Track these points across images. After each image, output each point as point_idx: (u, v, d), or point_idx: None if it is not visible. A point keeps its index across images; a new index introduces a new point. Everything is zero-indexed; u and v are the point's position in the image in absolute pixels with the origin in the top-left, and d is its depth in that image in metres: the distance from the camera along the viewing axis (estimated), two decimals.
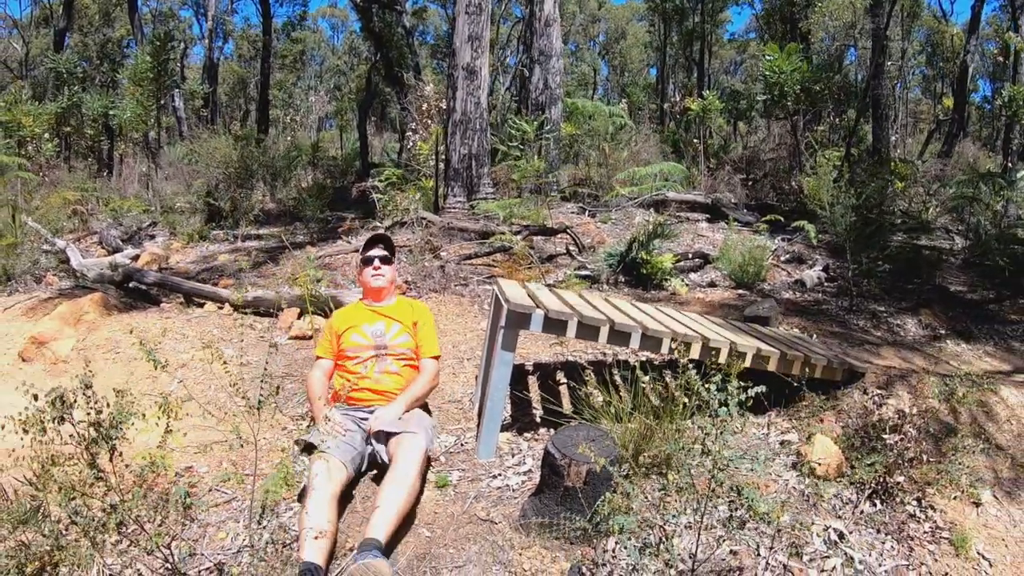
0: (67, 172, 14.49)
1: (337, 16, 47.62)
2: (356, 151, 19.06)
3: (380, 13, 23.29)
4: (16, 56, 37.27)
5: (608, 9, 46.59)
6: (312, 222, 10.49)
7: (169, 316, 6.53)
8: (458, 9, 10.08)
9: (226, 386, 5.27)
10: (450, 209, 9.88)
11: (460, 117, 9.98)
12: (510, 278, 7.00)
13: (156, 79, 14.42)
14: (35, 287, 7.90)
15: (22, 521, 2.87)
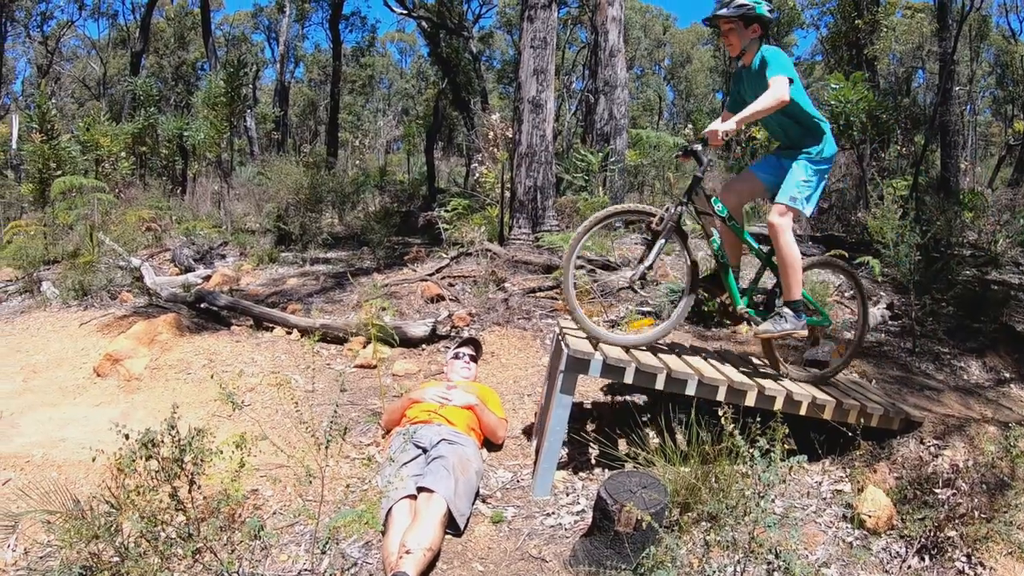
0: (142, 190, 15.09)
1: (405, 40, 48.72)
2: (423, 176, 19.38)
3: (448, 38, 23.75)
4: (94, 76, 39.11)
5: (673, 34, 46.61)
6: (379, 248, 10.64)
7: (239, 340, 6.72)
8: (523, 43, 10.24)
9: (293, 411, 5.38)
10: (515, 240, 9.97)
11: (526, 149, 10.11)
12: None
13: (230, 103, 14.90)
14: (110, 303, 8.22)
15: (96, 535, 3.01)
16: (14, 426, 5.61)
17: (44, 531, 3.68)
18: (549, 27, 10.16)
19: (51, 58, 35.32)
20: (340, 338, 6.77)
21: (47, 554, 3.75)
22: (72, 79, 39.31)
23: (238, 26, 41.85)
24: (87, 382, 6.15)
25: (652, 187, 13.47)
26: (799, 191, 4.17)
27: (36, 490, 3.98)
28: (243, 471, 3.87)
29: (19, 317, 8.17)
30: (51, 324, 7.66)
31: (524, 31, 10.22)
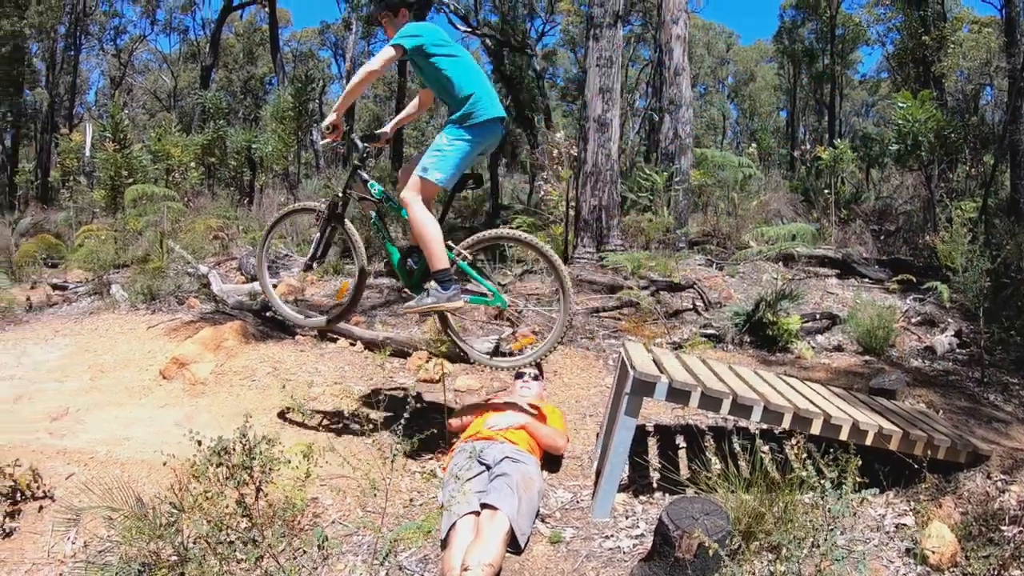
0: (210, 200, 15.53)
1: None
2: (486, 192, 19.47)
3: (511, 56, 23.92)
4: (165, 88, 40.57)
5: (736, 51, 46.25)
6: None
7: (303, 349, 6.81)
8: (589, 62, 10.35)
9: (349, 420, 5.41)
10: (579, 259, 10.03)
11: (591, 168, 10.20)
12: (636, 334, 7.10)
13: (297, 117, 15.29)
14: (178, 308, 8.45)
15: (158, 535, 3.15)
16: (80, 422, 5.79)
17: (104, 526, 3.78)
18: (614, 46, 10.25)
19: (124, 70, 36.78)
20: (403, 352, 6.79)
21: (106, 549, 3.83)
22: (143, 91, 40.92)
23: (305, 42, 42.97)
24: (153, 384, 6.30)
25: (716, 207, 13.32)
26: (430, 160, 4.18)
27: (99, 486, 4.08)
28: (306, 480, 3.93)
29: (88, 318, 8.46)
30: (119, 326, 7.88)
31: (590, 50, 10.33)
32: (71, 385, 6.69)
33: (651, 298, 7.82)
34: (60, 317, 8.83)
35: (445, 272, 4.23)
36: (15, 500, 4.46)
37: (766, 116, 45.87)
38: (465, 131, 4.21)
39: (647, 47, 28.37)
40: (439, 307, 4.30)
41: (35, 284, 11.01)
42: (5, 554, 4.16)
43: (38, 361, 7.54)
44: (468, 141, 4.19)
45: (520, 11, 27.66)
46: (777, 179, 17.67)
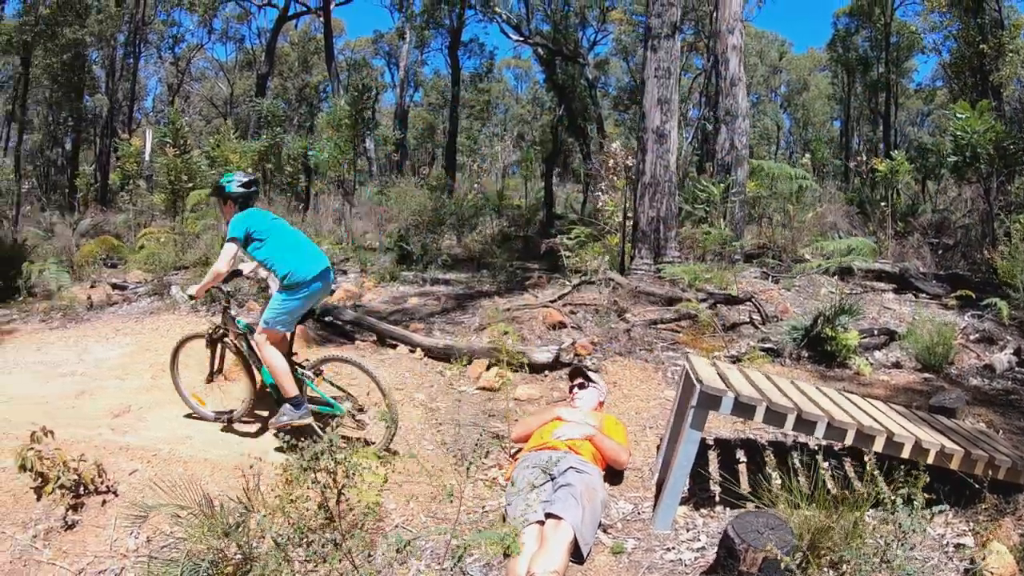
0: (267, 205, 15.76)
1: (520, 66, 49.56)
2: (540, 201, 19.53)
3: (563, 65, 23.99)
4: (221, 95, 41.51)
5: (789, 60, 45.63)
6: (499, 272, 10.74)
7: (364, 355, 6.86)
8: (647, 72, 10.35)
9: (415, 427, 5.43)
10: (636, 271, 10.03)
11: (649, 180, 10.19)
12: (693, 346, 7.12)
13: (353, 125, 15.47)
14: (237, 311, 8.52)
15: (226, 533, 3.24)
16: (142, 420, 5.92)
17: (168, 523, 3.85)
18: (672, 57, 10.26)
19: (181, 78, 37.71)
20: (462, 359, 6.81)
21: (169, 545, 3.92)
22: (200, 98, 41.88)
23: (359, 51, 43.60)
24: (215, 385, 6.37)
25: (771, 219, 13.18)
26: (270, 315, 5.08)
27: (162, 483, 4.14)
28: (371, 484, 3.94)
29: (148, 317, 8.65)
30: (180, 326, 8.02)
31: (647, 61, 10.33)
32: (132, 383, 6.83)
33: (709, 311, 7.80)
34: (120, 316, 9.04)
35: (295, 398, 5.08)
36: (78, 494, 4.58)
37: (820, 126, 45.28)
38: (289, 295, 5.06)
39: (699, 56, 28.19)
40: (292, 424, 5.05)
41: (95, 283, 11.31)
42: (67, 546, 4.27)
43: (99, 359, 7.71)
44: (295, 300, 5.07)
45: (572, 20, 27.79)
46: (832, 190, 17.39)
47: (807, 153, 25.27)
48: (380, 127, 24.89)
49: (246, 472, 3.94)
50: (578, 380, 5.35)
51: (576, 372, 5.51)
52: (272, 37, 29.75)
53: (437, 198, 12.55)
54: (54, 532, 4.42)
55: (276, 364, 5.10)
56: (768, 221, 13.22)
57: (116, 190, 22.24)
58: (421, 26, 28.88)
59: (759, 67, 41.20)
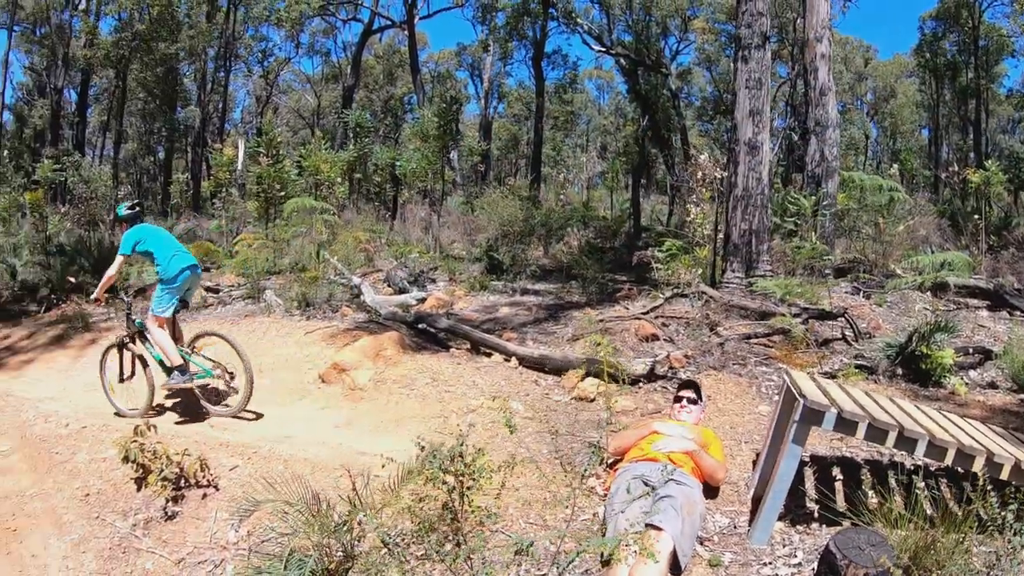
0: (356, 214, 16.18)
1: (603, 77, 49.33)
2: (626, 212, 19.43)
3: (646, 75, 23.84)
4: (308, 107, 42.67)
5: (875, 66, 44.16)
6: (589, 283, 10.70)
7: (459, 362, 6.94)
8: (738, 84, 10.20)
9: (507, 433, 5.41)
10: (728, 284, 9.89)
11: (741, 192, 10.02)
12: (786, 362, 7.00)
13: (440, 137, 15.68)
14: (332, 316, 8.82)
15: (332, 531, 3.32)
16: (241, 418, 6.05)
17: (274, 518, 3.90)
18: (763, 67, 10.10)
19: (270, 90, 38.87)
20: (557, 369, 6.80)
21: (270, 539, 3.98)
22: (288, 109, 43.10)
23: (443, 64, 44.24)
24: (312, 387, 6.56)
25: (860, 232, 12.84)
26: (154, 303, 6.42)
27: (263, 480, 4.21)
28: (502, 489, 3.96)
29: (243, 320, 8.94)
30: (276, 330, 8.27)
31: (738, 72, 10.18)
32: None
33: (802, 326, 7.64)
34: (216, 318, 9.34)
35: (180, 366, 6.24)
36: (179, 486, 4.77)
37: (908, 135, 43.89)
38: (166, 287, 6.36)
39: (783, 64, 27.65)
40: (180, 386, 6.32)
41: None
42: (167, 535, 4.43)
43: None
44: (170, 291, 6.37)
45: (653, 30, 27.65)
46: (922, 202, 16.84)
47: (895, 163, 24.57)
48: (465, 138, 25.18)
49: (352, 471, 4.01)
50: (689, 394, 5.22)
51: (688, 385, 5.36)
52: (358, 50, 30.46)
53: (527, 209, 12.59)
54: (154, 522, 4.60)
55: (161, 341, 6.33)
56: (858, 234, 12.91)
57: (207, 197, 23.05)
58: (504, 38, 29.06)
59: (844, 74, 40.02)
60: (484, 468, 3.12)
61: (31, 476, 5.37)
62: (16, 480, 5.32)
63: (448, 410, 5.92)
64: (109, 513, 4.76)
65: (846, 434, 4.04)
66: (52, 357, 8.93)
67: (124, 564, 4.26)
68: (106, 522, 4.66)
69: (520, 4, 25.96)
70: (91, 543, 4.47)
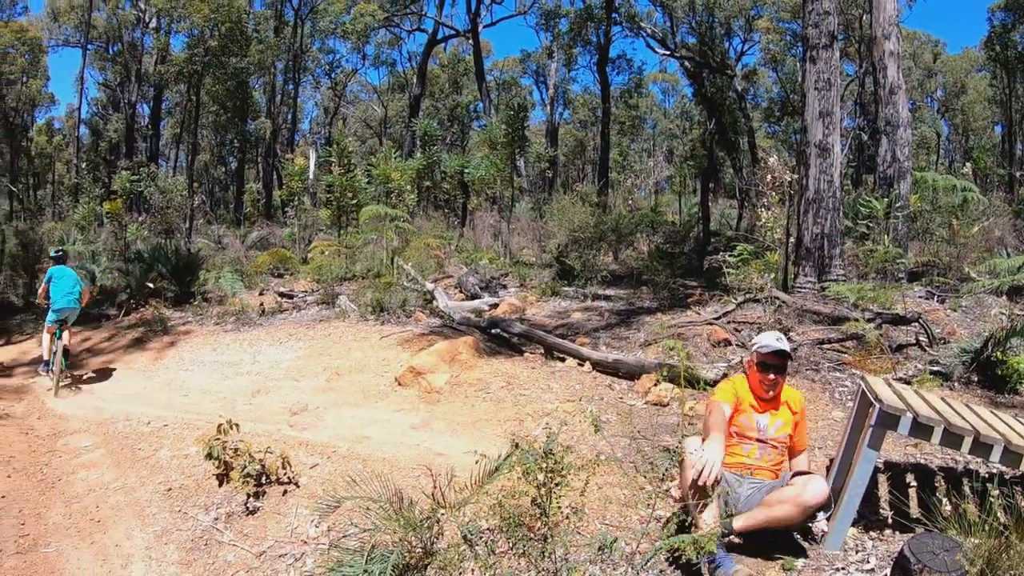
0: (426, 221, 16.40)
1: (668, 80, 48.95)
2: (695, 217, 19.26)
3: (711, 78, 23.56)
4: (375, 117, 43.42)
5: (944, 61, 42.62)
6: (660, 288, 10.65)
7: (533, 366, 7.00)
8: (807, 85, 10.01)
9: (586, 437, 5.43)
10: (800, 289, 9.71)
11: (813, 195, 9.83)
12: (860, 367, 6.92)
13: (509, 144, 15.78)
14: (405, 321, 8.98)
15: (414, 527, 3.41)
16: (320, 419, 6.28)
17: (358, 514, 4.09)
18: (832, 67, 9.90)
19: (338, 101, 39.67)
20: (631, 374, 6.81)
21: (348, 534, 4.12)
22: (355, 120, 43.91)
23: (507, 71, 44.54)
24: (388, 389, 6.68)
25: (933, 235, 12.49)
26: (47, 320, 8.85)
27: (343, 478, 4.31)
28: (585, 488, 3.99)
29: (319, 324, 9.16)
30: (351, 334, 8.47)
31: (807, 72, 10.00)
32: (307, 384, 7.24)
33: (876, 331, 7.48)
34: (291, 323, 9.59)
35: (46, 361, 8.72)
36: (260, 483, 4.93)
37: (981, 132, 42.35)
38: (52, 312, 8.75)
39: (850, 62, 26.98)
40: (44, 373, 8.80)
41: (263, 291, 12.12)
42: (248, 529, 4.57)
43: (274, 360, 8.24)
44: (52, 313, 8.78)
45: (717, 31, 27.36)
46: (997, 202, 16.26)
47: (968, 162, 23.84)
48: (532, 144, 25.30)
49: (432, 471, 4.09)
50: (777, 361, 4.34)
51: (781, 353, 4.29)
52: (423, 60, 30.88)
53: (596, 215, 12.61)
54: (235, 516, 4.76)
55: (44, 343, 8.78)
56: (931, 236, 12.58)
57: (278, 206, 23.62)
58: (568, 44, 29.12)
59: (913, 71, 38.77)
60: (571, 465, 3.14)
61: (114, 471, 5.62)
62: (100, 474, 5.57)
63: (523, 413, 5.97)
64: (191, 507, 4.93)
65: (921, 439, 4.00)
66: (132, 358, 9.32)
67: (206, 555, 4.41)
68: (188, 515, 4.83)
69: (583, 10, 26.00)
70: (173, 535, 4.64)
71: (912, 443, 5.36)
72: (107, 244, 15.49)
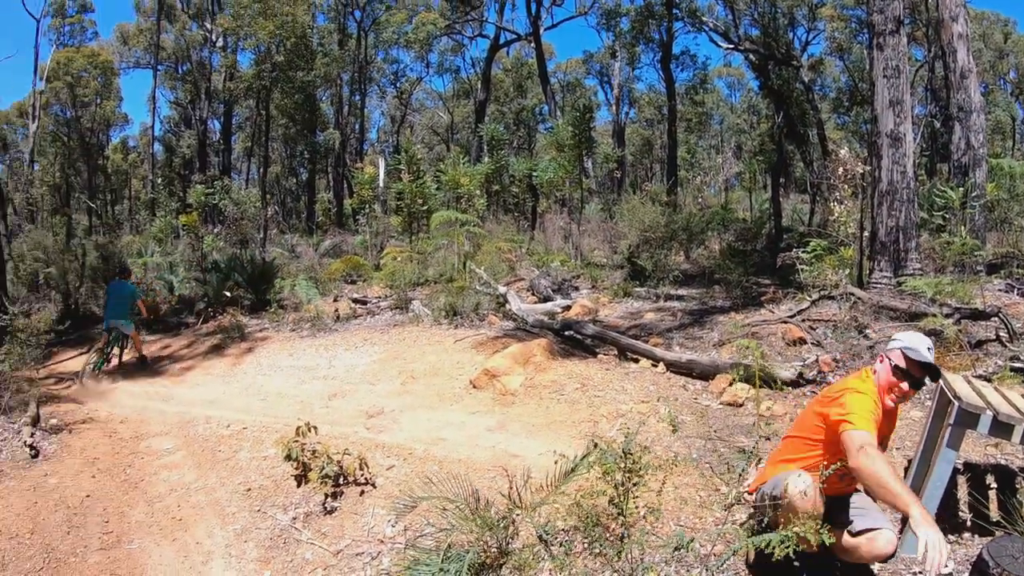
0: (495, 225, 16.53)
1: (732, 74, 48.10)
2: (766, 213, 18.92)
3: (776, 70, 23.08)
4: (441, 123, 43.92)
5: (1015, 41, 40.63)
6: (732, 287, 10.51)
7: (607, 368, 6.99)
8: (875, 73, 9.70)
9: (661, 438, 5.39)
10: (875, 284, 9.45)
11: (886, 187, 9.53)
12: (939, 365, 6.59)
13: (576, 145, 15.78)
14: (479, 324, 9.07)
15: (491, 527, 3.43)
16: (396, 422, 6.37)
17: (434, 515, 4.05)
18: (900, 54, 9.57)
19: (404, 110, 40.24)
20: (705, 374, 6.75)
21: (424, 534, 4.21)
22: (422, 127, 44.48)
23: (571, 72, 44.47)
24: (463, 392, 6.74)
25: (1011, 224, 12.00)
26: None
27: (419, 479, 4.37)
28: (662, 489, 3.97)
29: (393, 329, 9.31)
30: (425, 338, 8.58)
31: (874, 60, 9.70)
32: (383, 388, 7.35)
33: (954, 327, 7.23)
34: (366, 328, 9.76)
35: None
36: (337, 483, 5.04)
37: None
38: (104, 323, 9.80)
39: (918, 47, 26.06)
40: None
41: (336, 298, 12.36)
42: (326, 529, 4.68)
43: (349, 365, 8.39)
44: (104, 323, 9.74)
45: (780, 21, 26.80)
46: None
47: None
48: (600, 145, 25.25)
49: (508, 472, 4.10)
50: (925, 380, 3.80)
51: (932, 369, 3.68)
52: (486, 65, 31.06)
53: (668, 214, 12.51)
54: (313, 516, 4.86)
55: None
56: (1010, 226, 12.12)
57: (349, 214, 24.05)
58: (630, 43, 28.89)
59: (984, 52, 37.08)
60: (649, 466, 3.14)
61: (195, 472, 5.79)
62: (181, 475, 5.75)
63: (598, 414, 5.95)
64: (270, 506, 5.05)
65: (1002, 438, 3.92)
66: (210, 364, 9.59)
67: (285, 553, 4.50)
68: (267, 515, 4.95)
69: (643, 7, 25.79)
70: (253, 533, 4.75)
71: (992, 443, 5.23)
72: (184, 255, 16.00)
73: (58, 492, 5.44)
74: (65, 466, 5.95)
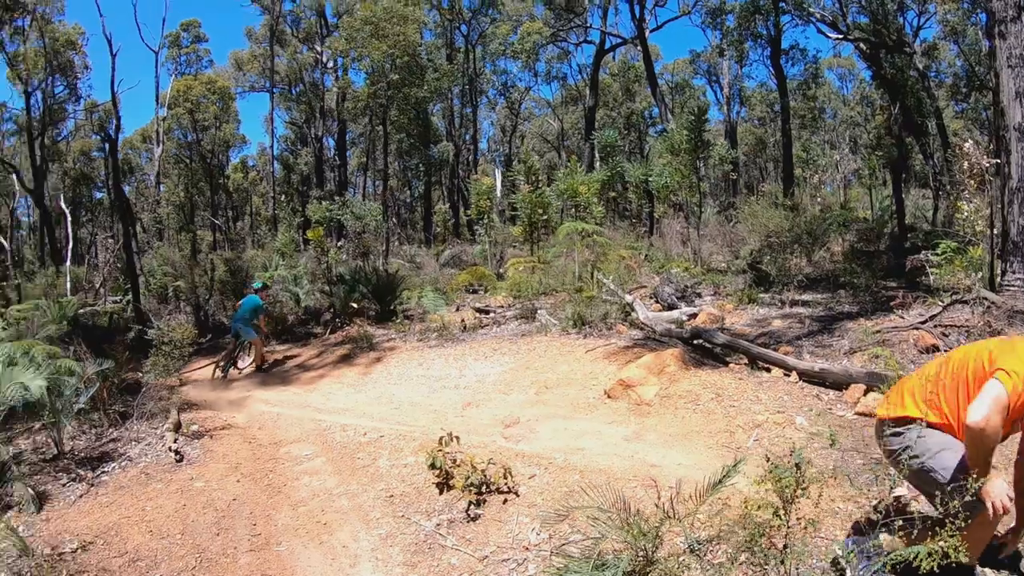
0: (613, 231, 16.59)
1: (843, 66, 46.06)
2: (887, 211, 18.19)
3: (888, 58, 22.03)
4: (551, 131, 44.19)
5: None
6: (859, 291, 10.23)
7: (740, 377, 6.99)
8: (999, 63, 9.10)
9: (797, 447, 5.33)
10: (1008, 287, 8.89)
11: (1017, 184, 8.95)
12: None
13: (692, 149, 15.64)
14: (607, 333, 9.16)
15: (644, 535, 3.47)
16: (532, 431, 6.52)
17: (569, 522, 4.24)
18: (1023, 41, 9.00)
19: (515, 119, 40.70)
20: (838, 383, 6.64)
21: (570, 541, 4.28)
22: (532, 135, 44.86)
23: (678, 73, 43.86)
24: (598, 402, 6.86)
25: None
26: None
27: (562, 488, 4.48)
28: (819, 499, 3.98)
29: (521, 339, 9.50)
30: (556, 348, 8.73)
31: (997, 50, 9.12)
32: (516, 397, 7.53)
33: None
34: (493, 337, 9.98)
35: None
36: (480, 491, 5.20)
37: None
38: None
39: None
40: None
41: (459, 308, 12.68)
42: (470, 535, 4.83)
43: (480, 374, 8.61)
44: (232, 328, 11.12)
45: (889, 6, 25.58)
46: None
47: None
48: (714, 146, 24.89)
49: (656, 482, 4.18)
50: None
51: None
52: (593, 71, 31.12)
53: (794, 217, 12.26)
54: (456, 523, 5.01)
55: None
56: None
57: (465, 224, 24.49)
58: (738, 40, 28.16)
59: None
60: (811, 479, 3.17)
61: (336, 478, 6.04)
62: (322, 481, 6.02)
63: (733, 425, 5.96)
64: (413, 513, 5.24)
65: None
66: (340, 373, 9.98)
67: (430, 558, 4.66)
68: (411, 520, 5.14)
69: (749, 2, 25.17)
70: (398, 538, 4.93)
71: None
72: (307, 268, 16.66)
73: (205, 495, 5.80)
74: (210, 470, 6.34)
